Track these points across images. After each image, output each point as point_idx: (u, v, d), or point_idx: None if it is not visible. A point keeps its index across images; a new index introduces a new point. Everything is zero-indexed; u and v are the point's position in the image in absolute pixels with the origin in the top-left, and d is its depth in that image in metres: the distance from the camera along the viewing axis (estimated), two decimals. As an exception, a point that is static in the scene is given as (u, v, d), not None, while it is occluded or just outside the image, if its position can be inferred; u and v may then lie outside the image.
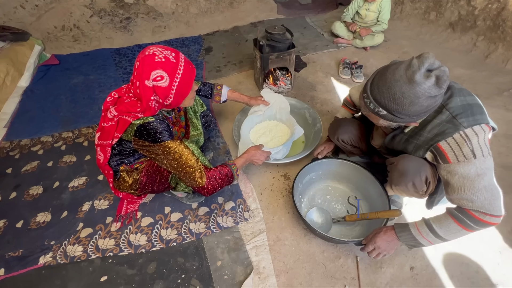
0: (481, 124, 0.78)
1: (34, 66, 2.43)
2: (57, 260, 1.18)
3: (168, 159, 1.03)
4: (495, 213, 0.78)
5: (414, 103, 0.73)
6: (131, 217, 1.33)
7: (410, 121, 0.81)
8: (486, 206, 0.78)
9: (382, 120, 0.85)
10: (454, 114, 0.79)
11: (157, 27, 2.92)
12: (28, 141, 1.80)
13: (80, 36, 2.72)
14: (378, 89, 0.77)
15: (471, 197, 0.79)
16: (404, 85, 0.72)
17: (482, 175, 0.77)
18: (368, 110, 0.84)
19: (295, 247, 1.21)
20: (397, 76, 0.73)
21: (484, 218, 0.78)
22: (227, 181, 1.14)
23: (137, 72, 0.95)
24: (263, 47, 1.78)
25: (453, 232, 0.83)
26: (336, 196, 1.38)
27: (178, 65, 0.97)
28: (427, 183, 0.97)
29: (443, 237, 0.85)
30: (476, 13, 2.32)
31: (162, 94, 0.97)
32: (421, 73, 0.70)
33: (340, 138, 1.28)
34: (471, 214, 0.80)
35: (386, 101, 0.76)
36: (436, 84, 0.71)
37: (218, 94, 1.45)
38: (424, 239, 0.88)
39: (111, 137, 1.07)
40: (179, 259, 1.18)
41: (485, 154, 0.78)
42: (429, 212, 1.13)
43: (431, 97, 0.73)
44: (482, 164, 0.77)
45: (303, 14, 3.30)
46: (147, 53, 0.95)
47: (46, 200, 1.44)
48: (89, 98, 2.16)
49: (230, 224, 1.29)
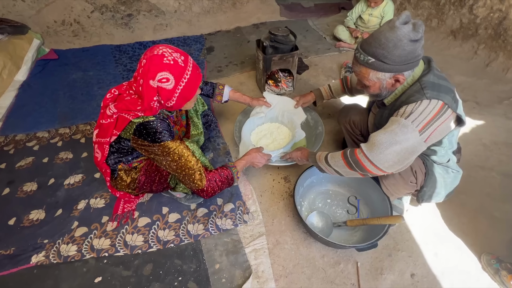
0: (439, 100, 0.86)
1: (32, 60, 2.39)
2: (50, 259, 1.14)
3: (167, 160, 1.01)
4: (374, 162, 0.88)
5: (397, 45, 0.83)
6: (128, 217, 1.30)
7: (396, 69, 0.88)
8: (372, 153, 0.88)
9: (372, 74, 0.91)
10: (423, 86, 0.89)
11: (159, 25, 2.90)
12: (24, 136, 1.76)
13: (80, 31, 2.69)
14: (366, 42, 0.90)
15: (372, 138, 0.90)
16: (387, 32, 0.84)
17: (396, 132, 0.86)
18: (358, 64, 0.93)
19: (294, 251, 1.19)
20: (381, 28, 0.88)
21: (362, 160, 0.90)
22: (227, 184, 1.12)
23: (143, 70, 0.92)
24: (266, 48, 1.77)
25: (339, 166, 1.00)
26: (337, 200, 1.36)
27: (186, 69, 0.95)
28: (413, 172, 1.04)
29: (333, 167, 1.02)
30: (477, 21, 2.34)
31: (165, 96, 0.95)
32: (399, 21, 0.84)
33: (352, 120, 1.34)
34: (356, 154, 0.93)
35: (374, 49, 0.87)
36: (413, 29, 0.83)
37: (220, 94, 1.43)
38: (322, 165, 1.07)
39: (109, 135, 1.04)
40: (176, 261, 1.15)
41: (414, 125, 0.85)
42: (420, 209, 1.12)
43: (412, 41, 0.83)
44: (403, 128, 0.86)
45: (305, 17, 3.31)
46: (156, 52, 0.92)
47: (40, 197, 1.40)
48: (87, 94, 2.13)
49: (229, 226, 1.27)
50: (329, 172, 1.06)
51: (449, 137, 0.99)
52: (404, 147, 0.86)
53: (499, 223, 1.27)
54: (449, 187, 1.09)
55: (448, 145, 1.01)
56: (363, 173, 0.94)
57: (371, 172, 0.91)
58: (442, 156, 1.03)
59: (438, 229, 1.26)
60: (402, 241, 1.22)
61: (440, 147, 1.00)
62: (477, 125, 1.78)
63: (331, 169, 1.03)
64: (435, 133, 0.88)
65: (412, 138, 0.85)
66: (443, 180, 1.05)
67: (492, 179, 1.46)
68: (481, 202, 1.36)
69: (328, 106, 1.97)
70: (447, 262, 1.15)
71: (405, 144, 0.86)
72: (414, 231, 1.25)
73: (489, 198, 1.37)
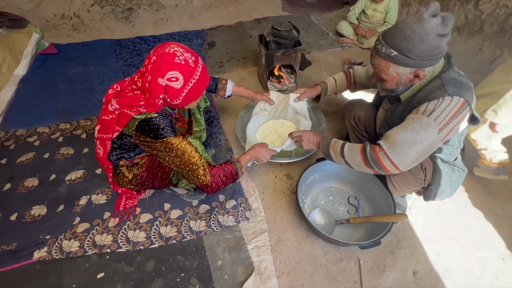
0: (461, 97, 0.82)
1: (31, 54, 2.36)
2: (53, 255, 1.14)
3: (171, 156, 1.00)
4: (394, 161, 0.85)
5: (423, 39, 0.78)
6: (130, 213, 1.30)
7: (419, 64, 0.83)
8: (394, 152, 0.84)
9: (392, 68, 0.86)
10: (444, 82, 0.85)
11: (160, 19, 2.86)
12: (24, 132, 1.75)
13: (80, 25, 2.65)
14: (389, 33, 0.84)
15: (391, 136, 0.86)
16: (414, 24, 0.78)
17: (418, 131, 0.82)
18: (379, 56, 0.87)
19: (297, 248, 1.19)
20: (407, 20, 0.81)
21: (382, 159, 0.86)
22: (232, 179, 1.11)
23: (152, 67, 0.91)
24: (269, 44, 1.75)
25: (354, 160, 0.94)
26: (339, 197, 1.36)
27: (196, 70, 0.95)
28: (423, 169, 1.02)
29: (347, 161, 0.97)
30: (483, 17, 2.31)
31: (172, 95, 0.94)
32: (428, 13, 0.78)
33: (357, 115, 1.31)
34: (376, 152, 0.88)
35: (397, 41, 0.81)
36: (442, 22, 0.77)
37: (223, 89, 1.41)
38: (334, 154, 1.01)
39: (111, 131, 1.03)
40: (179, 258, 1.15)
41: (436, 123, 0.82)
42: (428, 206, 1.12)
43: (439, 36, 0.78)
44: (425, 126, 0.82)
45: (308, 12, 3.26)
46: (167, 50, 0.91)
47: (41, 193, 1.40)
48: (88, 89, 2.11)
49: (231, 223, 1.26)
50: (338, 162, 1.01)
51: (459, 135, 0.97)
52: (423, 146, 0.84)
53: (503, 221, 1.27)
54: (454, 185, 1.08)
55: (457, 144, 0.99)
56: (379, 170, 0.91)
57: (388, 171, 0.88)
58: (449, 154, 1.02)
59: (441, 227, 1.26)
60: (404, 238, 1.21)
61: (448, 145, 0.99)
62: (481, 123, 1.76)
63: (342, 160, 0.98)
64: (452, 131, 0.86)
65: (432, 136, 0.83)
66: (448, 178, 1.04)
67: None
68: (485, 200, 1.35)
69: (331, 103, 1.96)
70: (449, 260, 1.15)
71: (425, 142, 0.83)
72: (416, 228, 1.24)
73: (492, 196, 1.37)
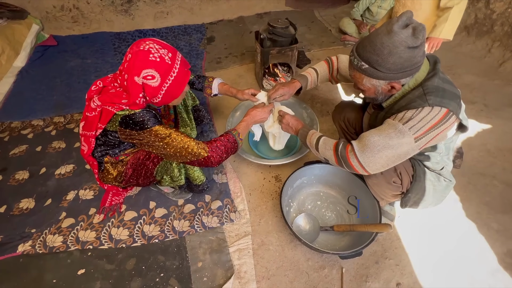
0: (442, 108, 0.79)
1: (31, 46, 2.38)
2: (36, 249, 1.16)
3: (161, 144, 0.96)
4: (362, 163, 0.87)
5: (392, 52, 0.76)
6: (115, 210, 1.30)
7: (390, 77, 0.81)
8: (363, 154, 0.86)
9: (366, 79, 0.86)
10: (426, 91, 0.82)
11: (160, 13, 2.83)
12: (19, 124, 1.77)
13: (80, 17, 2.65)
14: (362, 44, 0.83)
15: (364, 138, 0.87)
16: (383, 36, 0.77)
17: (391, 137, 0.82)
18: (352, 67, 0.88)
19: (279, 253, 1.17)
20: (379, 30, 0.79)
21: (351, 159, 0.89)
22: (232, 147, 1.06)
23: (128, 65, 0.89)
24: (264, 41, 1.70)
25: (327, 155, 0.97)
26: (327, 202, 1.33)
27: (173, 67, 0.92)
28: (397, 173, 0.99)
29: (320, 153, 1.00)
30: (494, 17, 2.19)
31: (150, 93, 0.92)
32: (398, 24, 0.75)
33: (347, 117, 1.30)
34: (347, 151, 0.90)
35: (368, 54, 0.80)
36: (413, 34, 0.75)
37: (209, 87, 1.38)
38: (309, 145, 1.05)
39: (94, 128, 1.02)
40: (160, 257, 1.15)
41: (411, 132, 0.80)
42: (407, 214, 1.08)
43: (409, 48, 0.75)
44: (398, 134, 0.81)
45: (312, 8, 3.17)
46: (142, 47, 0.88)
47: (31, 186, 1.41)
48: (84, 82, 2.11)
49: (215, 224, 1.25)
50: (315, 154, 1.05)
51: (446, 143, 0.93)
52: (396, 153, 0.84)
53: (497, 235, 1.22)
54: (438, 195, 1.04)
55: (444, 151, 0.95)
56: (347, 169, 0.93)
57: (356, 170, 0.91)
58: (436, 162, 0.97)
59: (430, 237, 1.22)
60: (390, 248, 1.18)
61: (435, 152, 0.95)
62: (483, 129, 1.69)
63: (317, 153, 1.02)
64: (434, 140, 0.84)
65: (407, 144, 0.82)
66: (432, 188, 1.00)
67: (493, 188, 1.39)
68: (479, 211, 1.30)
69: (327, 103, 1.90)
70: (437, 273, 1.11)
71: (398, 150, 0.83)
72: (404, 238, 1.20)
73: (487, 208, 1.31)
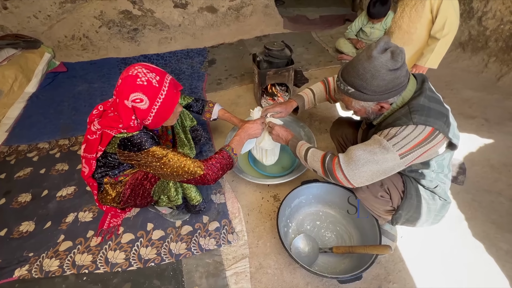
0: (427, 126, 0.81)
1: (42, 72, 2.51)
2: (32, 274, 1.15)
3: (157, 164, 0.99)
4: (347, 175, 0.89)
5: (375, 76, 0.80)
6: (113, 232, 1.30)
7: (377, 98, 0.85)
8: (348, 167, 0.88)
9: (354, 102, 0.90)
10: (411, 110, 0.84)
11: (164, 39, 2.98)
12: (26, 147, 1.83)
13: (89, 45, 2.81)
14: (346, 70, 0.88)
15: (351, 151, 0.90)
16: (365, 61, 0.81)
17: (375, 152, 0.85)
18: (340, 92, 0.92)
19: (277, 277, 1.13)
20: (360, 56, 0.84)
21: (337, 171, 0.91)
22: (227, 164, 1.08)
23: (118, 89, 0.94)
24: (260, 63, 1.76)
25: (315, 167, 0.99)
26: (326, 222, 1.30)
27: (160, 90, 0.96)
28: (384, 188, 1.00)
29: (308, 164, 1.03)
30: (487, 33, 2.23)
31: (140, 115, 0.96)
32: (377, 49, 0.80)
33: (344, 133, 1.32)
34: (333, 163, 0.92)
35: (352, 79, 0.84)
36: (392, 57, 0.79)
37: (209, 112, 1.42)
38: (299, 156, 1.07)
39: (94, 151, 1.05)
40: (155, 282, 1.13)
41: (395, 148, 0.82)
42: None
43: (390, 70, 0.79)
44: (382, 149, 0.84)
45: (309, 29, 3.30)
46: (130, 72, 0.93)
47: (32, 208, 1.43)
48: (90, 106, 2.19)
49: (212, 247, 1.23)
50: (304, 165, 1.06)
51: (437, 160, 0.92)
52: (381, 168, 0.86)
53: (506, 256, 1.16)
54: (433, 215, 1.01)
55: (436, 168, 0.94)
56: (333, 181, 0.95)
57: (341, 182, 0.92)
58: (430, 180, 0.96)
59: (436, 259, 1.16)
60: (394, 271, 1.13)
61: (428, 170, 0.94)
62: (485, 144, 1.66)
63: (306, 164, 1.04)
64: (421, 158, 0.85)
65: (392, 160, 0.84)
66: (427, 206, 0.98)
67: (499, 205, 1.34)
68: (486, 231, 1.24)
69: (325, 121, 1.92)
70: (443, 298, 1.05)
71: (383, 165, 0.85)
72: (408, 260, 1.16)
73: (495, 226, 1.26)
